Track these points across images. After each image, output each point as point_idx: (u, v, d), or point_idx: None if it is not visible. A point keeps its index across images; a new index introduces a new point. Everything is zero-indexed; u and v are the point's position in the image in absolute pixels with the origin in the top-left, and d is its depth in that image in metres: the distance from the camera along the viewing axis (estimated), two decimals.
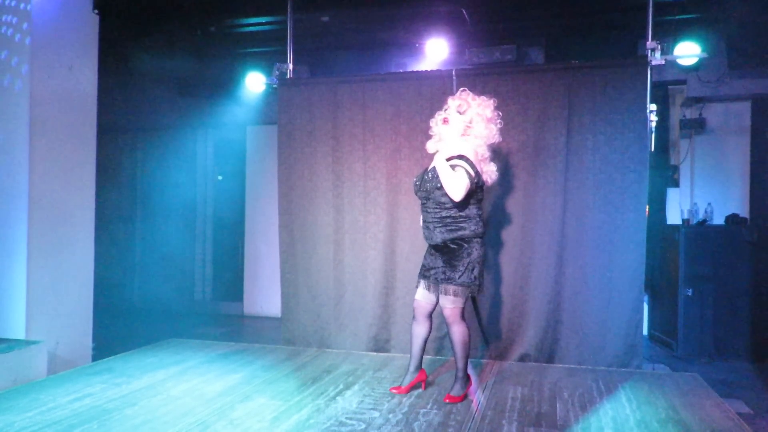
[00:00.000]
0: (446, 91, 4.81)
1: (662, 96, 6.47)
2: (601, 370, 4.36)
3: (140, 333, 6.12)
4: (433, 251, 3.61)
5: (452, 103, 3.62)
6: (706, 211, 6.27)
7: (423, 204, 3.61)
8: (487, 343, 4.73)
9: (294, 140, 5.18)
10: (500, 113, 3.67)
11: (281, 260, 5.22)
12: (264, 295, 7.62)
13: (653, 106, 4.48)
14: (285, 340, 5.21)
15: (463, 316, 3.55)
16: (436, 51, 6.19)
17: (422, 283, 3.68)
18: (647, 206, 4.50)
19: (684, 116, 6.59)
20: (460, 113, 3.56)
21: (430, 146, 3.70)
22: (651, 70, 4.46)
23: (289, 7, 5.24)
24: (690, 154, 6.62)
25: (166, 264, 8.16)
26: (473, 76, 4.84)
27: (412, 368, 3.73)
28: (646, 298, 5.82)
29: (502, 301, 4.70)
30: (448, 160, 3.48)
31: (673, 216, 6.58)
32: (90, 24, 4.72)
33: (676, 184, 6.68)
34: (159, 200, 8.19)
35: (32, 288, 4.22)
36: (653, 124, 4.51)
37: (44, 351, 4.14)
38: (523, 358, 4.62)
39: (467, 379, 3.68)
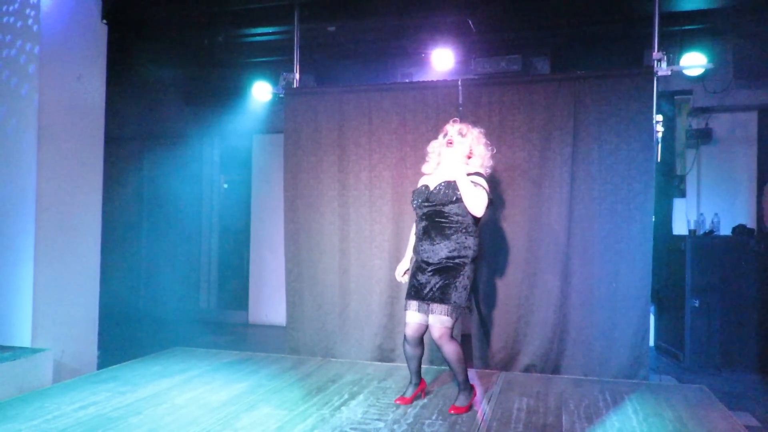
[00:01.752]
0: (452, 101, 4.84)
1: (668, 106, 6.47)
2: (608, 381, 4.33)
3: (145, 341, 6.13)
4: (426, 269, 3.51)
5: (451, 128, 3.66)
6: (712, 222, 6.25)
7: (424, 218, 3.55)
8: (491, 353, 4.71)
9: (300, 149, 5.20)
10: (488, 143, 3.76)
11: (286, 269, 5.23)
12: (269, 304, 7.62)
13: (659, 117, 4.48)
14: (290, 349, 5.20)
15: (452, 335, 3.50)
16: (441, 61, 6.21)
17: (414, 305, 3.56)
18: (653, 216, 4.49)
19: (690, 126, 6.57)
20: (462, 135, 3.61)
21: (427, 169, 3.75)
22: (657, 80, 4.47)
23: (295, 17, 5.27)
24: (696, 164, 6.61)
25: (171, 272, 8.17)
26: (479, 86, 4.85)
27: (414, 380, 3.76)
28: (652, 308, 5.78)
29: (508, 311, 4.69)
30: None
31: (680, 226, 6.55)
32: (98, 34, 4.76)
33: (683, 195, 6.65)
34: (165, 208, 8.22)
35: (38, 296, 4.24)
36: (659, 135, 4.51)
37: (50, 359, 4.15)
38: (528, 369, 4.60)
39: (471, 389, 3.66)
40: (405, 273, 3.78)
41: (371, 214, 5.00)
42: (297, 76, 5.31)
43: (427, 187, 3.60)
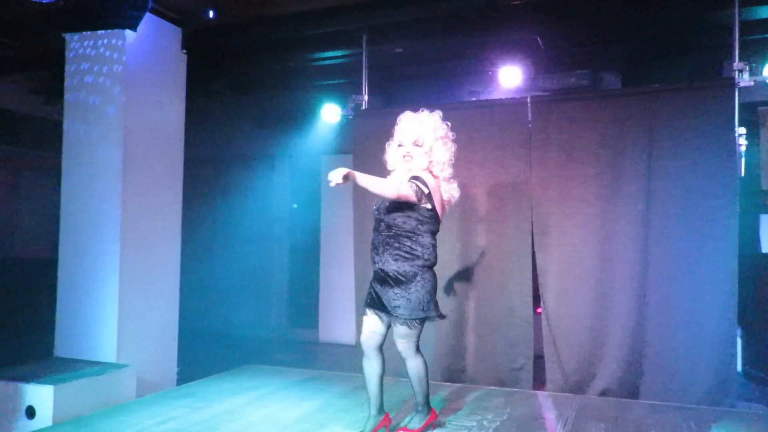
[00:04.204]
0: (519, 119, 4.79)
1: (751, 118, 6.16)
2: (690, 407, 4.12)
3: (220, 358, 6.30)
4: (382, 280, 3.30)
5: (405, 137, 3.36)
6: None
7: (374, 229, 3.37)
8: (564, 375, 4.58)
9: (368, 169, 5.20)
10: (449, 123, 3.44)
11: (356, 288, 5.27)
12: (339, 323, 7.68)
13: (742, 129, 4.28)
14: (361, 368, 5.21)
15: (417, 348, 3.33)
16: (508, 78, 6.16)
17: (371, 313, 3.36)
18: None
19: None
20: (419, 146, 3.33)
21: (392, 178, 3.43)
22: (738, 91, 4.27)
23: (363, 40, 5.37)
24: None
25: (244, 290, 8.40)
26: (548, 103, 4.78)
27: (373, 411, 3.38)
28: (739, 331, 5.47)
29: (581, 333, 4.55)
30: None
31: None
32: (178, 63, 5.01)
33: None
34: (238, 229, 8.47)
35: (123, 313, 4.45)
36: (742, 148, 4.30)
37: (133, 374, 4.33)
38: (604, 393, 4.44)
39: (429, 411, 3.50)
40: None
41: (439, 233, 4.97)
42: (365, 97, 5.40)
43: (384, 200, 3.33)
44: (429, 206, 3.28)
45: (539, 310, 4.81)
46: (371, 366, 3.39)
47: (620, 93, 4.92)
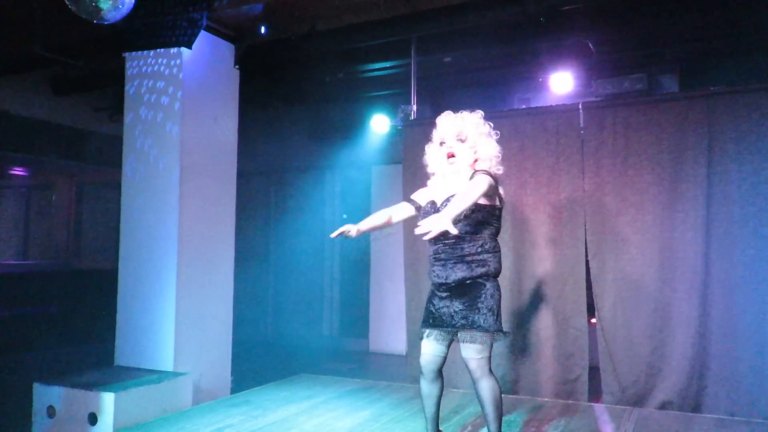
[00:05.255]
0: (572, 125, 4.72)
1: None
2: (759, 422, 3.94)
3: (273, 366, 6.38)
4: (444, 293, 3.03)
5: (447, 133, 3.11)
6: None
7: (433, 239, 2.88)
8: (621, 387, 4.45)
9: (418, 179, 5.24)
10: (491, 124, 3.18)
11: (407, 298, 5.27)
12: (389, 332, 7.68)
13: None
14: (411, 378, 5.20)
15: (490, 369, 2.98)
16: (560, 84, 6.07)
17: (431, 333, 3.07)
18: None
19: None
20: (462, 141, 3.07)
21: (432, 182, 3.26)
22: None
23: (412, 50, 5.40)
24: None
25: (296, 300, 8.50)
26: (601, 108, 4.69)
27: (431, 430, 3.19)
28: None
29: (640, 343, 4.42)
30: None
31: None
32: (232, 79, 5.14)
33: None
34: (290, 239, 8.59)
35: (180, 322, 4.56)
36: None
37: (190, 382, 4.43)
38: (664, 406, 4.29)
39: None
40: (351, 232, 3.11)
41: None
42: (414, 107, 5.41)
43: (433, 203, 3.09)
44: (498, 203, 3.06)
45: (593, 320, 4.70)
46: (432, 389, 3.14)
47: (677, 96, 4.77)
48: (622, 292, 4.51)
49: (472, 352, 2.94)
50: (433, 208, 3.05)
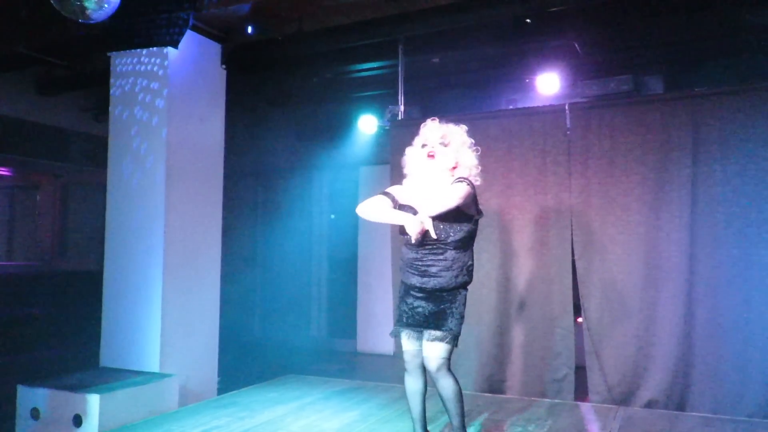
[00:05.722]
0: (559, 126, 4.74)
1: None
2: (742, 420, 3.98)
3: (260, 368, 6.36)
4: (420, 294, 3.09)
5: (431, 135, 3.13)
6: None
7: (419, 241, 2.99)
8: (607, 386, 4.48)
9: (404, 179, 5.26)
10: (473, 140, 3.21)
11: (394, 298, 5.26)
12: (377, 333, 7.67)
13: None
14: (399, 378, 5.18)
15: (449, 367, 3.07)
16: (547, 85, 6.09)
17: (408, 332, 3.16)
18: None
19: None
20: (445, 145, 3.10)
21: (409, 184, 3.24)
22: None
23: (399, 51, 5.40)
24: None
25: (284, 301, 8.48)
26: (587, 109, 4.72)
27: (419, 430, 3.25)
28: None
29: (626, 343, 4.45)
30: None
31: None
32: (219, 78, 5.11)
33: None
34: (278, 240, 8.57)
35: (166, 324, 4.53)
36: None
37: (176, 384, 4.40)
38: (650, 404, 4.33)
39: None
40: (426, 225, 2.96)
41: (478, 243, 4.86)
42: (402, 108, 5.41)
43: (411, 208, 3.06)
44: (476, 214, 3.10)
45: (579, 319, 4.73)
46: (416, 383, 3.21)
47: (663, 98, 4.81)
48: (608, 292, 4.54)
49: (439, 351, 3.03)
50: (412, 212, 3.03)
